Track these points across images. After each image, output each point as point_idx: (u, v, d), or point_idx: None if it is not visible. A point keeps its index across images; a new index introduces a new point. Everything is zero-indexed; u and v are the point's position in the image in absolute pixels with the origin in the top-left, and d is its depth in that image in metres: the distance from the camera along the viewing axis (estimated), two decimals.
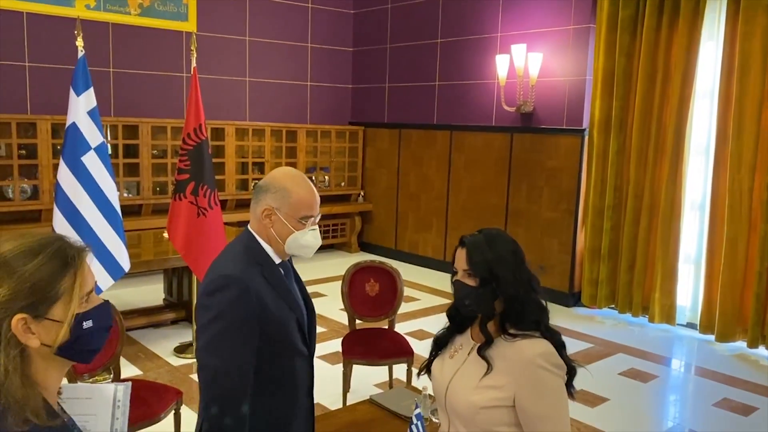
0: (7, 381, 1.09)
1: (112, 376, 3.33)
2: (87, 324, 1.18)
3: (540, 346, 1.77)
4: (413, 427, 2.48)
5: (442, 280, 7.31)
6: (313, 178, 8.48)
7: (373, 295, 4.20)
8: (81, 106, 4.16)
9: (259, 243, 1.88)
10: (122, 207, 6.77)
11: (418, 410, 2.51)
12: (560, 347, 1.82)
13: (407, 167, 8.23)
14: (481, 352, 1.82)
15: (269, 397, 1.85)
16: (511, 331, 1.81)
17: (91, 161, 4.20)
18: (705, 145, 5.73)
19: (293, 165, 8.18)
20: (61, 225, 4.15)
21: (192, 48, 4.77)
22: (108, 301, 1.28)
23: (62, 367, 1.21)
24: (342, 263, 4.22)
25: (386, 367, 4.19)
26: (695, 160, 5.80)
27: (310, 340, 2.02)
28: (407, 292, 6.87)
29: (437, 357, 2.03)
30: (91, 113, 4.20)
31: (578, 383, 1.89)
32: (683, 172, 5.68)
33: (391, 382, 4.24)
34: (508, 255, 1.83)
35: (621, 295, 6.10)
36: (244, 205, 7.83)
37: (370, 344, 4.01)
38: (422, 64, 7.92)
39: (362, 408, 3.10)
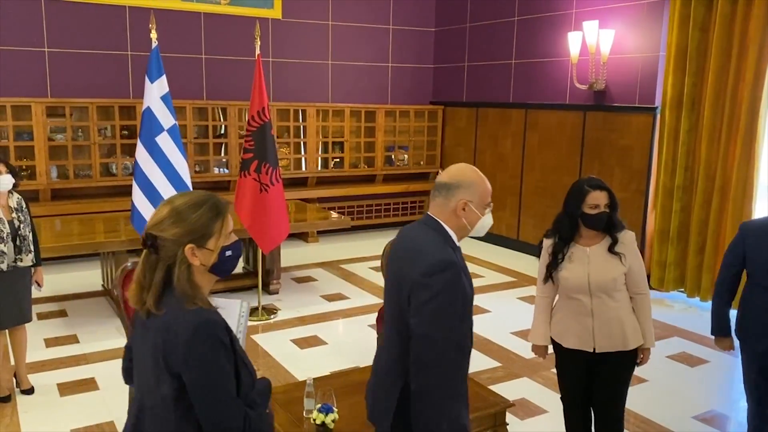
0: (179, 282, 1.67)
1: None
2: (228, 253, 1.76)
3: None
4: None
5: (512, 259, 7.41)
6: (392, 156, 8.76)
7: None
8: (155, 92, 4.66)
9: (448, 232, 2.08)
10: (212, 183, 7.51)
11: None
12: None
13: (484, 146, 8.30)
14: (612, 249, 2.84)
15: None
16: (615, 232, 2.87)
17: (165, 141, 4.71)
18: None
19: (371, 144, 8.51)
20: (139, 199, 4.71)
21: (256, 35, 5.14)
22: (240, 239, 1.82)
23: (211, 280, 1.77)
24: None
25: None
26: None
27: None
28: (473, 269, 7.03)
29: (556, 268, 2.92)
30: (164, 98, 4.70)
31: None
32: (757, 152, 5.40)
33: None
34: None
35: (690, 279, 5.92)
36: (323, 182, 8.26)
37: None
38: (500, 43, 7.93)
39: None
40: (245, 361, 1.74)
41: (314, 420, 2.60)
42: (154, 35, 4.68)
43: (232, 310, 1.96)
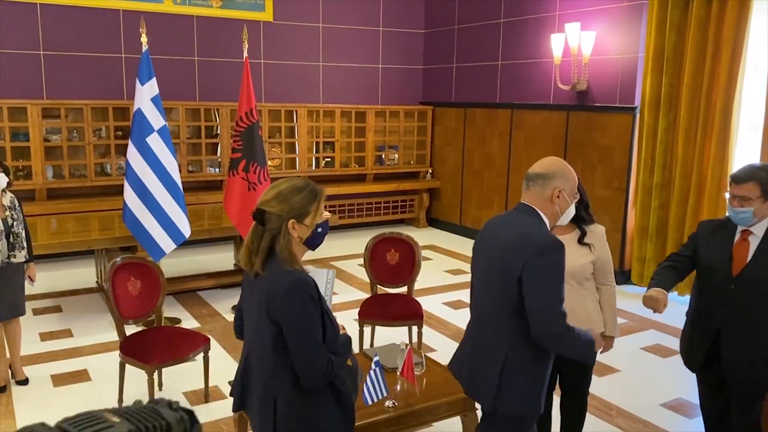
0: (284, 248, 2.05)
1: (155, 323, 3.98)
2: (319, 229, 2.14)
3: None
4: (371, 372, 2.90)
5: None
6: (383, 156, 8.92)
7: (393, 264, 4.60)
8: (145, 94, 4.81)
9: (543, 218, 2.36)
10: (205, 182, 7.67)
11: (376, 358, 2.93)
12: None
13: (472, 145, 8.46)
14: (582, 240, 2.98)
15: None
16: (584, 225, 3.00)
17: (155, 142, 4.86)
18: (758, 122, 5.56)
19: (362, 144, 8.68)
20: (130, 198, 4.86)
21: (243, 38, 5.30)
22: (327, 220, 2.18)
23: (303, 251, 2.15)
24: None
25: (406, 329, 4.59)
26: (748, 138, 5.65)
27: None
28: (458, 265, 7.21)
29: None
30: (154, 100, 4.85)
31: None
32: (730, 150, 5.57)
33: (410, 342, 4.62)
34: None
35: None
36: (315, 181, 8.40)
37: (385, 307, 4.41)
38: (487, 44, 8.09)
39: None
40: (330, 317, 2.11)
41: None
42: (144, 39, 4.84)
43: (320, 277, 2.26)
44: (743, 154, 5.63)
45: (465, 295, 6.16)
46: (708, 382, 2.92)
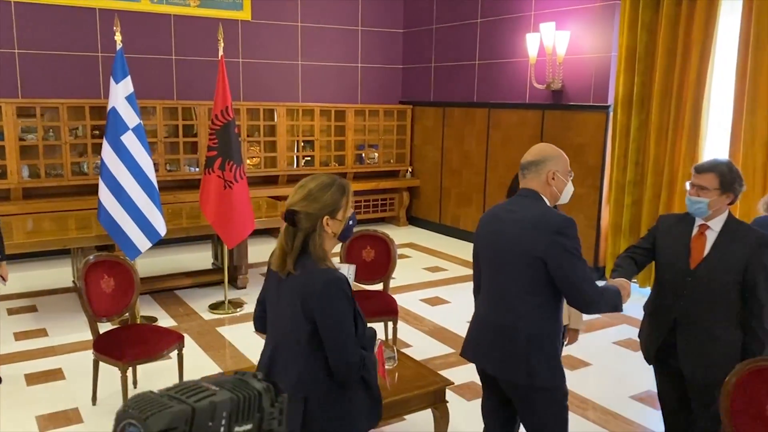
0: (318, 246, 2.10)
1: (129, 321, 3.99)
2: (350, 222, 2.19)
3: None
4: None
5: None
6: (363, 155, 8.96)
7: (369, 260, 4.64)
8: (120, 93, 4.81)
9: (545, 200, 2.50)
10: (183, 181, 7.65)
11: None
12: None
13: (450, 144, 8.53)
14: None
15: None
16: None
17: (130, 140, 4.86)
18: (727, 121, 5.67)
19: (341, 143, 8.72)
20: (105, 196, 4.85)
21: (219, 38, 5.31)
22: (355, 212, 2.24)
23: (334, 245, 2.21)
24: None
25: (382, 324, 4.63)
26: (718, 136, 5.76)
27: None
28: (436, 263, 7.27)
29: None
30: (129, 98, 4.85)
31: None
32: (700, 148, 5.67)
33: (386, 338, 4.66)
34: None
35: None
36: (294, 180, 8.43)
37: (360, 304, 4.42)
38: (464, 44, 8.16)
39: None
40: (359, 312, 2.17)
41: None
42: (118, 37, 4.83)
43: (343, 272, 2.35)
44: (712, 152, 5.73)
45: (442, 292, 6.22)
46: (664, 375, 2.99)
